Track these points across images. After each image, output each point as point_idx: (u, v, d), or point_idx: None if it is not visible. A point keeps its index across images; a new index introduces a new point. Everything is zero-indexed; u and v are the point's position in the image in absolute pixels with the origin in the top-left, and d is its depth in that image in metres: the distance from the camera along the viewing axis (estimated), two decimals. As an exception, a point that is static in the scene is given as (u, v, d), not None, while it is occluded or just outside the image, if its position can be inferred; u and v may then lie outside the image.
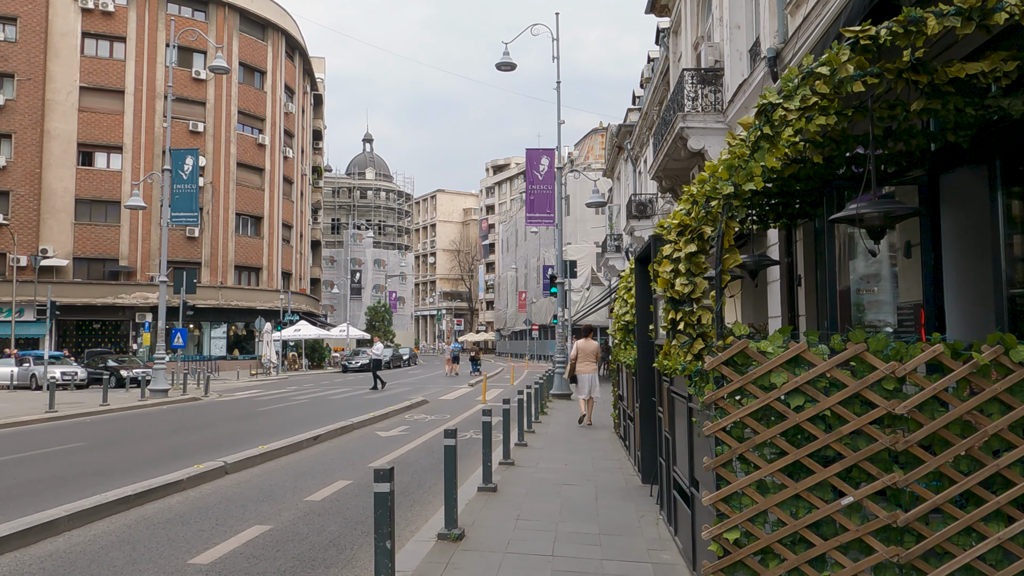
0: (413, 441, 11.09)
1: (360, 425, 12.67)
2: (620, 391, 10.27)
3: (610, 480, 7.55)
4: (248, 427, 13.04)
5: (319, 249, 63.68)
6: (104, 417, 14.85)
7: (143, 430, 12.51)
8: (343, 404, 18.30)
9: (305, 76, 55.82)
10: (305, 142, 56.20)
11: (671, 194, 18.24)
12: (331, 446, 10.49)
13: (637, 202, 26.05)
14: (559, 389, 18.54)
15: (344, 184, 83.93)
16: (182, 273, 24.28)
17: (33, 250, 38.28)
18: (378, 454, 9.74)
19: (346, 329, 46.90)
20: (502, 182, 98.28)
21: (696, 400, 4.03)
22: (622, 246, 36.39)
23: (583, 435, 11.43)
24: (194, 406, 17.53)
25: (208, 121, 43.96)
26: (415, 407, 16.83)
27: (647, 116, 27.65)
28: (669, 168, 16.90)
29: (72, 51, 40.12)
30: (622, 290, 9.42)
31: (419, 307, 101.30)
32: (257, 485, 7.61)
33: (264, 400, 19.53)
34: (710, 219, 4.42)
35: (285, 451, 9.52)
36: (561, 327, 19.47)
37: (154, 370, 18.65)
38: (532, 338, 60.06)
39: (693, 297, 4.47)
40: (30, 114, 38.84)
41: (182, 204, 19.58)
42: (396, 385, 26.98)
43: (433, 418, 14.65)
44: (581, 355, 12.39)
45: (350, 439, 11.34)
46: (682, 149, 14.67)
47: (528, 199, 19.13)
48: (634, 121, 32.70)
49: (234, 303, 43.79)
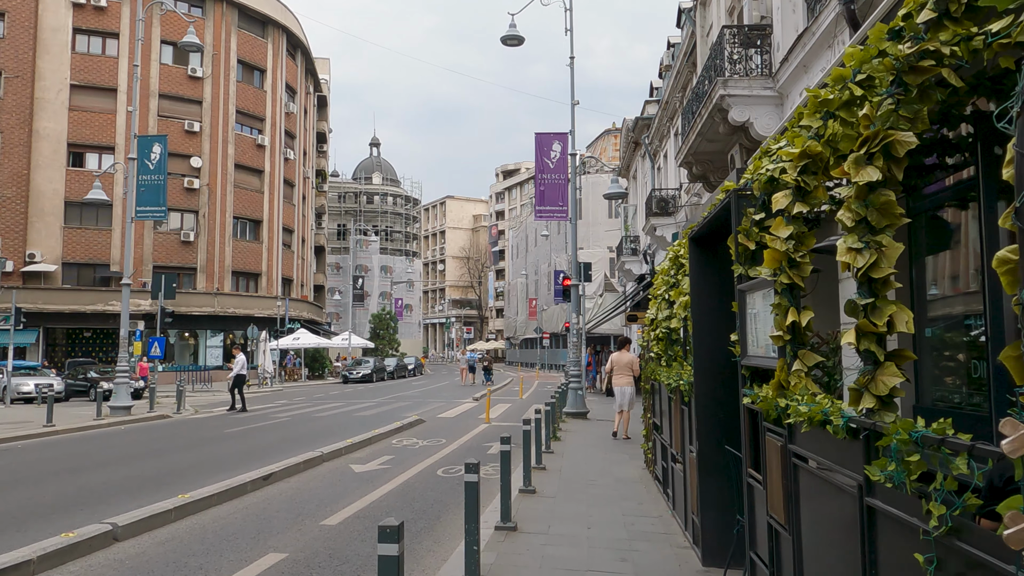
0: (392, 480, 8.80)
1: (332, 456, 10.40)
2: (656, 418, 7.95)
3: (655, 559, 5.22)
4: (200, 457, 10.80)
5: (323, 255, 61.64)
6: (34, 443, 12.65)
7: (58, 463, 10.13)
8: (328, 424, 16.06)
9: (308, 76, 53.95)
10: (308, 144, 54.27)
11: (703, 183, 15.92)
12: (284, 489, 8.22)
13: (658, 198, 23.74)
14: (574, 407, 16.22)
15: (350, 189, 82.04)
16: (160, 277, 22.20)
17: (20, 255, 36.44)
18: (341, 502, 7.48)
19: (348, 338, 44.73)
20: (512, 187, 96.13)
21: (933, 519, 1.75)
22: (639, 248, 34.02)
23: (607, 469, 9.12)
24: (154, 427, 15.32)
25: (205, 120, 42.08)
26: (407, 428, 14.55)
27: (667, 106, 25.39)
28: (702, 151, 14.59)
29: (63, 47, 38.37)
30: (660, 286, 7.13)
31: (428, 315, 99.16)
32: (145, 566, 5.34)
33: (241, 419, 17.32)
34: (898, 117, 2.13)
35: (218, 499, 7.26)
36: (575, 335, 17.15)
37: (115, 384, 16.50)
38: (543, 347, 57.68)
39: (876, 277, 2.17)
40: (18, 113, 37.06)
41: (148, 197, 17.45)
42: (395, 399, 24.73)
43: (425, 444, 12.36)
44: (616, 367, 12.02)
45: (313, 476, 9.07)
46: (720, 124, 12.37)
47: (538, 190, 16.85)
48: (652, 114, 30.43)
49: (231, 310, 41.77)
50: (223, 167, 42.73)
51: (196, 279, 41.39)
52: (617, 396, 12.21)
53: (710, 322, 5.09)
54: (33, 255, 36.60)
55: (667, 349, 6.75)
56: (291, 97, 49.73)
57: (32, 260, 36.52)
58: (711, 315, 5.09)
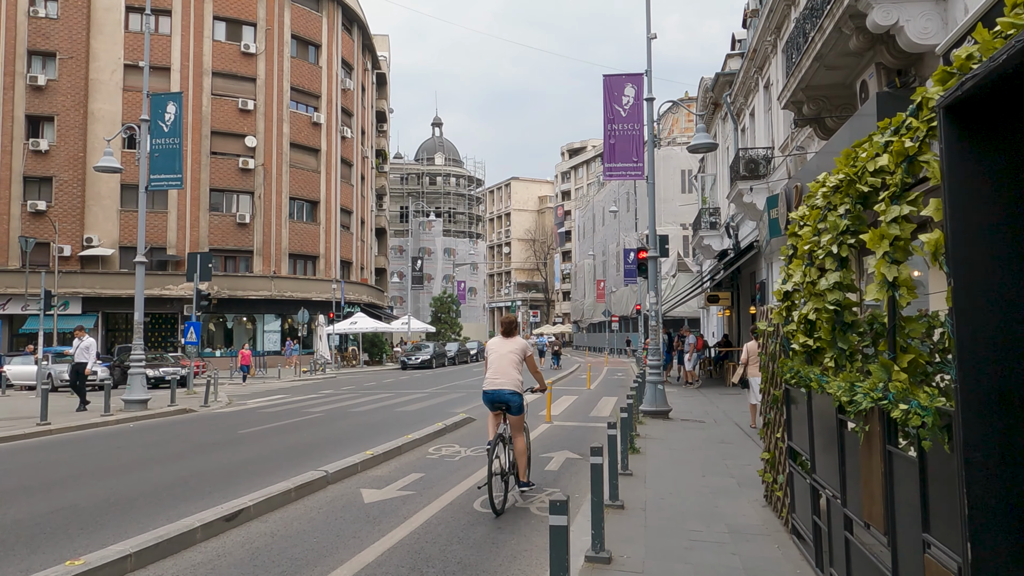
0: (408, 519, 6.34)
1: (341, 476, 8.01)
2: (799, 445, 5.20)
3: None
4: (175, 475, 8.61)
5: (384, 238, 60.17)
6: (8, 447, 10.84)
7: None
8: (361, 422, 13.83)
9: (365, 52, 52.16)
10: (366, 123, 52.58)
11: (815, 127, 12.75)
12: (252, 535, 5.85)
13: (746, 159, 20.46)
14: (653, 404, 13.44)
15: (412, 170, 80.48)
16: (195, 257, 20.50)
17: (77, 239, 36.00)
18: (322, 564, 5.05)
19: (407, 322, 42.91)
20: (578, 166, 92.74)
21: None
22: (719, 222, 30.64)
23: (712, 508, 6.40)
24: (161, 425, 13.35)
25: (259, 99, 40.79)
26: (450, 431, 12.12)
27: (756, 54, 21.99)
28: (817, 84, 11.48)
29: (116, 27, 37.63)
30: (808, 235, 4.37)
31: (494, 299, 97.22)
32: None
33: (269, 414, 15.32)
34: None
35: (136, 561, 4.93)
36: (654, 316, 14.30)
37: (131, 376, 14.71)
38: (612, 330, 54.66)
39: None
40: (73, 95, 36.55)
41: (162, 163, 15.50)
42: (449, 389, 22.47)
43: (468, 453, 9.89)
44: (753, 357, 11.48)
45: (305, 510, 6.69)
46: (853, 36, 9.29)
47: (607, 144, 14.00)
48: (734, 69, 26.95)
49: (288, 294, 40.56)
50: (278, 146, 41.43)
51: (252, 262, 40.33)
52: (754, 387, 11.47)
53: (998, 282, 2.34)
54: (90, 239, 36.11)
55: (836, 339, 3.97)
56: (347, 73, 48.02)
57: (89, 244, 36.04)
58: (1001, 269, 2.35)
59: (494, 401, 6.75)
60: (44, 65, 36.72)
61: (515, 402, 6.71)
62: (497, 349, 6.90)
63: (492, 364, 6.85)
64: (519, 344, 6.92)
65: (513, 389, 6.70)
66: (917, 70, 9.23)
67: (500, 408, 6.75)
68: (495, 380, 6.75)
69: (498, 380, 6.73)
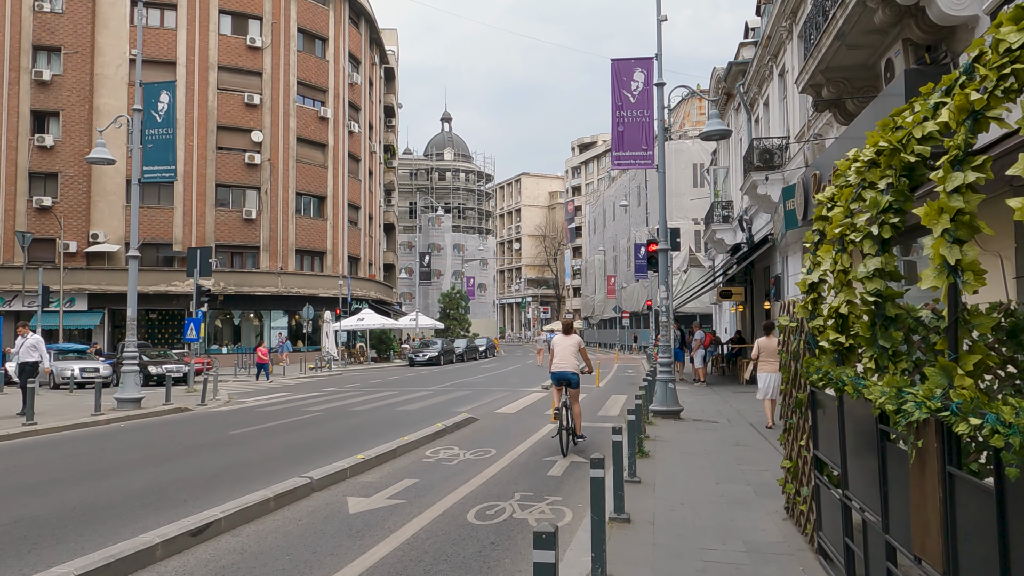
0: (394, 532, 5.80)
1: (328, 482, 7.48)
2: (828, 458, 4.61)
3: None
4: (151, 481, 8.12)
5: (393, 233, 59.71)
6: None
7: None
8: (359, 423, 13.33)
9: (373, 46, 51.64)
10: (374, 117, 52.07)
11: (835, 111, 12.08)
12: (219, 552, 5.33)
13: (761, 148, 19.77)
14: (663, 403, 12.84)
15: (421, 166, 79.96)
16: (195, 252, 20.07)
17: (83, 235, 35.77)
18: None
19: (415, 318, 42.44)
20: (588, 161, 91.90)
21: None
22: (732, 215, 29.92)
23: (727, 521, 5.82)
24: (150, 425, 12.89)
25: (265, 93, 40.39)
26: (450, 431, 11.58)
27: (770, 41, 21.28)
28: (837, 65, 10.83)
29: (121, 21, 37.30)
30: (839, 216, 3.78)
31: (504, 295, 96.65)
32: None
33: (266, 413, 14.86)
34: None
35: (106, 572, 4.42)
36: (665, 312, 13.69)
37: (123, 374, 14.29)
38: (622, 326, 53.95)
39: None
40: (78, 90, 36.27)
41: (156, 155, 15.06)
42: (455, 387, 21.94)
43: (467, 456, 9.35)
44: (764, 353, 11.29)
45: (283, 522, 6.17)
46: (878, 10, 8.65)
47: (615, 132, 13.38)
48: (747, 58, 26.22)
49: (295, 290, 40.19)
50: (285, 141, 41.03)
51: (259, 258, 39.99)
52: (761, 384, 11.42)
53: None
54: (96, 235, 35.85)
55: (876, 335, 3.38)
56: (355, 67, 47.53)
57: (95, 240, 35.79)
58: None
59: (559, 379, 9.41)
60: (49, 60, 36.47)
61: (574, 379, 9.40)
62: (560, 343, 9.60)
63: (557, 354, 9.52)
64: (575, 340, 9.61)
65: (572, 371, 9.40)
66: (948, 45, 8.57)
67: (563, 384, 9.38)
68: (560, 364, 9.43)
69: (562, 364, 9.42)
